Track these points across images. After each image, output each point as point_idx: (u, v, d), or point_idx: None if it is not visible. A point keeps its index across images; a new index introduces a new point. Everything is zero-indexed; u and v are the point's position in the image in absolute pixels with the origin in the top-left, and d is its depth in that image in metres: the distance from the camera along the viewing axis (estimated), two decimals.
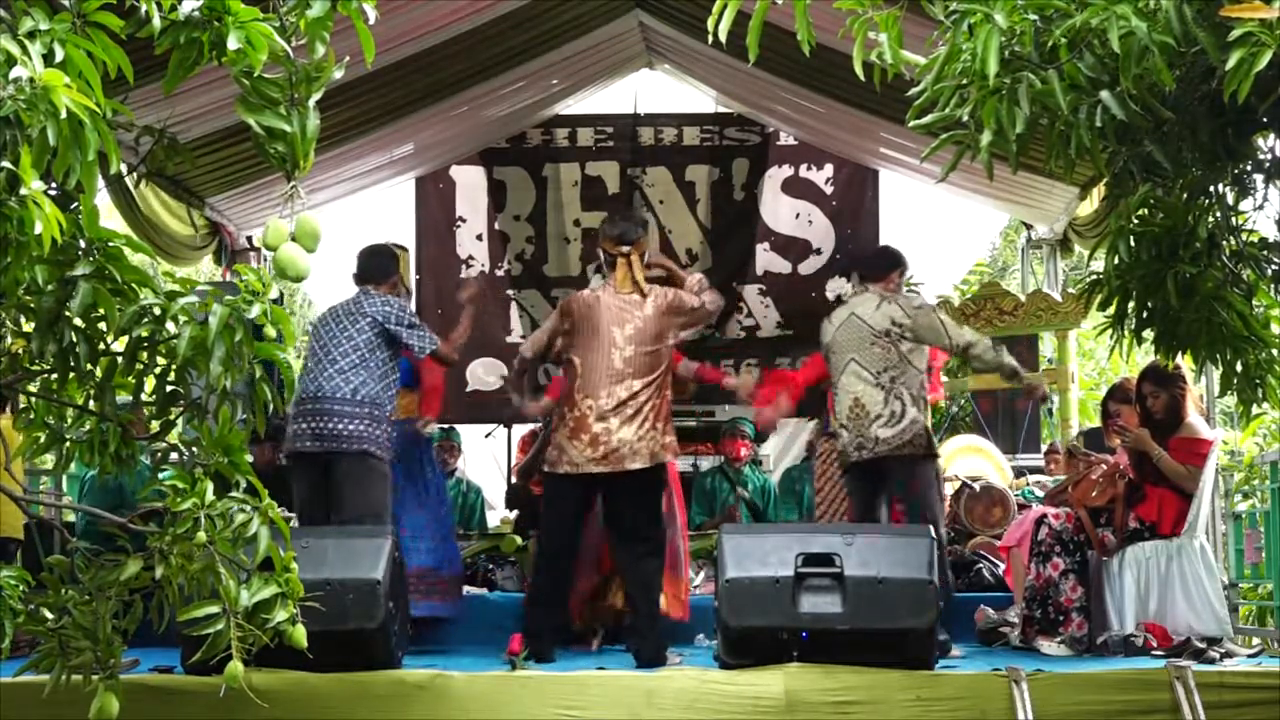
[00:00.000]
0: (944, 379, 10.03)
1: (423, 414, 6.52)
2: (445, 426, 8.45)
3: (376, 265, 6.11)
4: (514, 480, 8.93)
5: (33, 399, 3.35)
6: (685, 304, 5.64)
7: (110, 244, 3.09)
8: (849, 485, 6.18)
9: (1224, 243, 4.49)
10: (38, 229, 2.75)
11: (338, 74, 3.24)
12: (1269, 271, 4.54)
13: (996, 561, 7.25)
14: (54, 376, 3.24)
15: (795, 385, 6.47)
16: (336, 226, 8.94)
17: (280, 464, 7.73)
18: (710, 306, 5.76)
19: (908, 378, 5.84)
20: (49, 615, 3.31)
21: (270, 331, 3.18)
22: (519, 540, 7.49)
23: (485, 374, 9.66)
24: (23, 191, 2.75)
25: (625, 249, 5.65)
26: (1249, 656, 5.51)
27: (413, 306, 6.68)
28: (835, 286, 6.75)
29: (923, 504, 5.83)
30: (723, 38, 3.65)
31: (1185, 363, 6.03)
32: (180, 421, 3.40)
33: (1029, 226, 9.70)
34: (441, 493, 6.56)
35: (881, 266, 6.20)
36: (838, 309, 6.14)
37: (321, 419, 5.67)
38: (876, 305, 5.94)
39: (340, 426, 5.68)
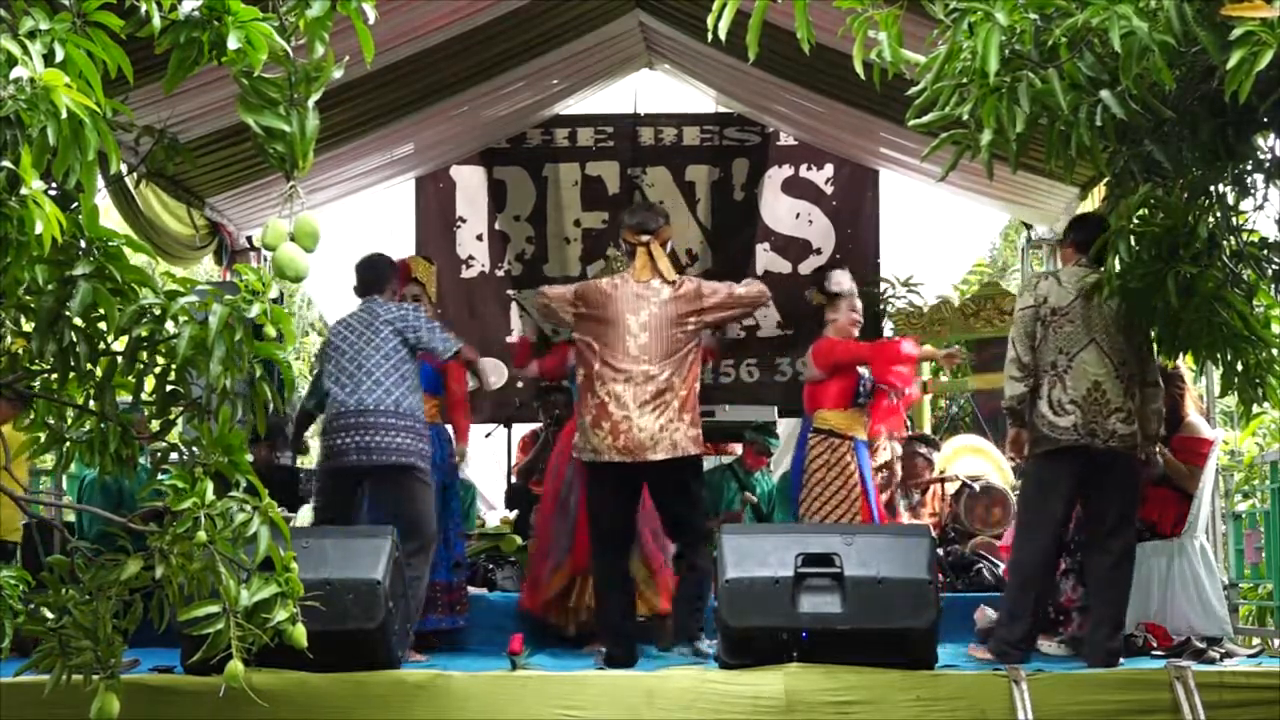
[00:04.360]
0: (943, 379, 10.05)
1: (458, 441, 6.53)
2: None
3: (374, 276, 6.00)
4: (514, 480, 8.92)
5: (33, 399, 3.35)
6: (704, 290, 5.57)
7: (110, 244, 3.09)
8: (1040, 469, 5.45)
9: (1224, 243, 4.50)
10: (38, 229, 2.75)
11: (338, 74, 3.24)
12: (1269, 271, 4.55)
13: (996, 561, 7.25)
14: (54, 376, 3.24)
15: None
16: (336, 226, 8.89)
17: (276, 463, 7.74)
18: (742, 290, 5.64)
19: (1133, 379, 5.41)
20: (49, 615, 3.31)
21: (270, 331, 3.18)
22: (519, 540, 7.50)
23: (486, 374, 9.63)
24: (23, 191, 2.75)
25: (645, 238, 5.64)
26: (1249, 656, 5.51)
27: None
28: (838, 280, 6.65)
29: (1132, 509, 5.49)
30: (722, 36, 3.65)
31: (1185, 363, 6.04)
32: (180, 421, 3.40)
33: (1029, 226, 9.69)
34: (454, 497, 6.52)
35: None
36: (1066, 274, 5.44)
37: (365, 433, 5.59)
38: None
39: (385, 440, 5.61)
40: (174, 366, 3.21)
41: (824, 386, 6.49)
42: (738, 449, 8.64)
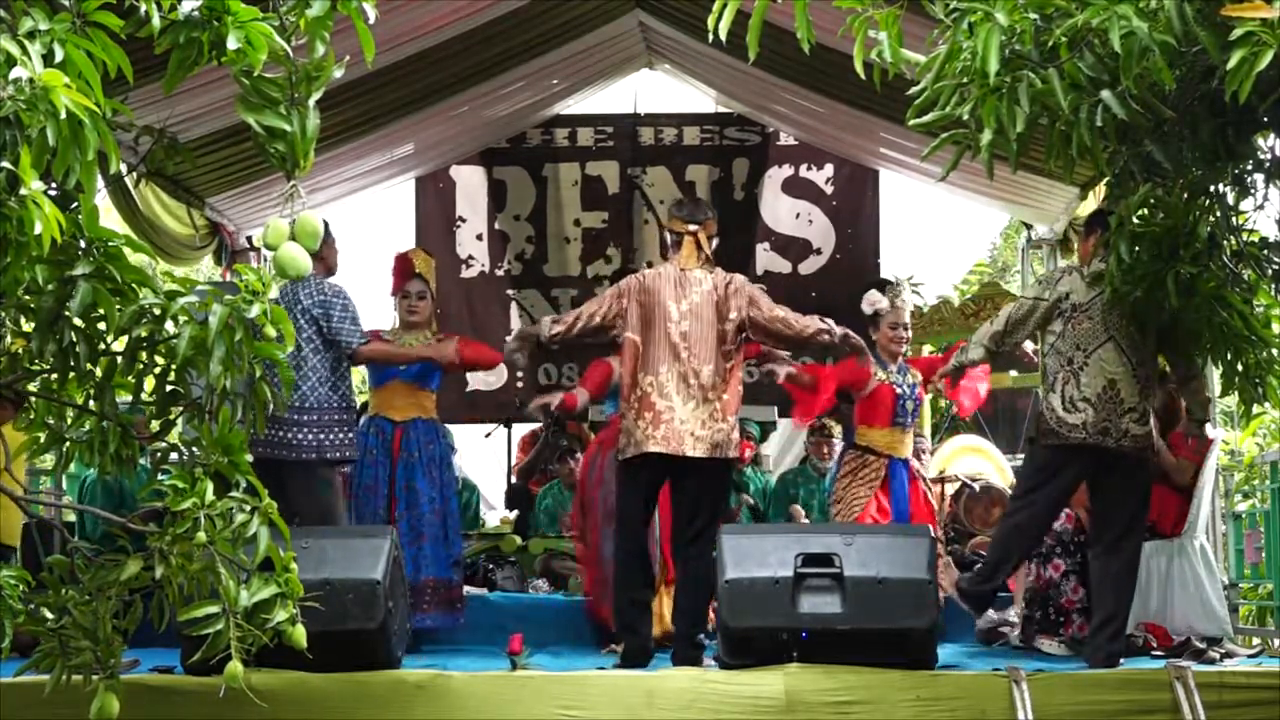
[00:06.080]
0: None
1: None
2: None
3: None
4: (514, 480, 8.92)
5: (33, 399, 3.35)
6: (759, 303, 5.50)
7: (110, 244, 3.09)
8: (1045, 456, 5.45)
9: (1224, 242, 4.50)
10: (38, 229, 2.76)
11: (338, 74, 3.24)
12: (1269, 271, 4.56)
13: None
14: (54, 376, 3.24)
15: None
16: (337, 226, 8.89)
17: None
18: (799, 325, 5.48)
19: (1150, 379, 5.40)
20: (49, 615, 3.31)
21: (270, 331, 3.18)
22: (519, 540, 7.49)
23: (485, 374, 9.64)
24: (23, 191, 2.75)
25: (693, 227, 5.62)
26: (1249, 656, 5.51)
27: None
28: (873, 300, 6.54)
29: (1143, 511, 5.47)
30: (723, 36, 3.65)
31: None
32: (180, 421, 3.40)
33: (1029, 226, 9.69)
34: (453, 494, 6.49)
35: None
36: (1090, 270, 5.38)
37: (273, 427, 5.54)
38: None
39: (291, 435, 5.63)
40: (174, 366, 3.21)
41: (862, 404, 6.39)
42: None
